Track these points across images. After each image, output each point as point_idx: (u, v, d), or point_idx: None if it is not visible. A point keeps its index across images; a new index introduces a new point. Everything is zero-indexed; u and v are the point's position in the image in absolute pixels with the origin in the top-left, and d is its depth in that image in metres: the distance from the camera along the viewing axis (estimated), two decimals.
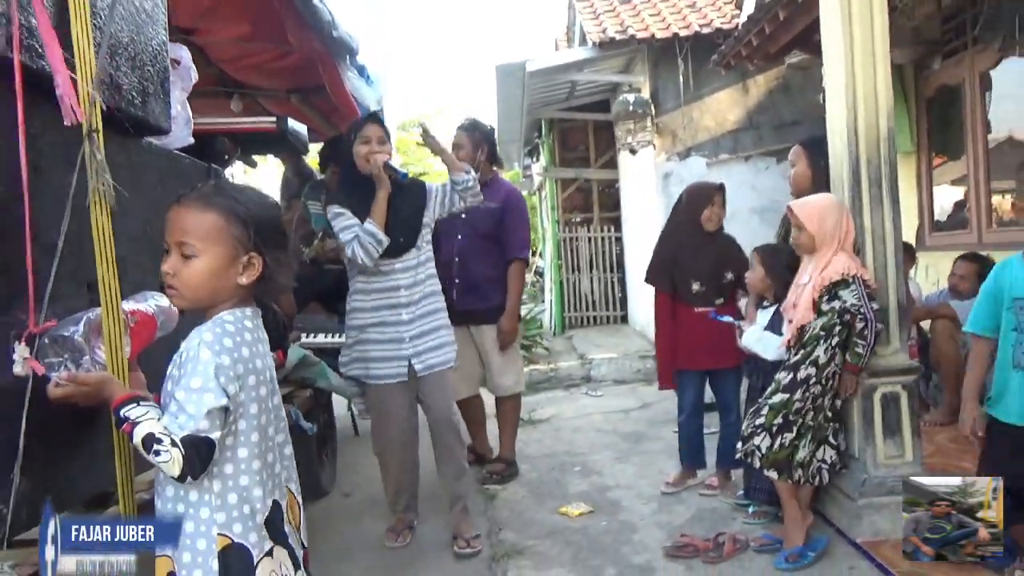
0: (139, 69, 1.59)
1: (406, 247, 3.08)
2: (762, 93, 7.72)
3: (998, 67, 4.38)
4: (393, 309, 3.07)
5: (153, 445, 1.28)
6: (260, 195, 1.49)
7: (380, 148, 3.02)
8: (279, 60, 4.00)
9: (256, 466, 1.41)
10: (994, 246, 4.47)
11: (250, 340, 1.43)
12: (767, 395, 2.90)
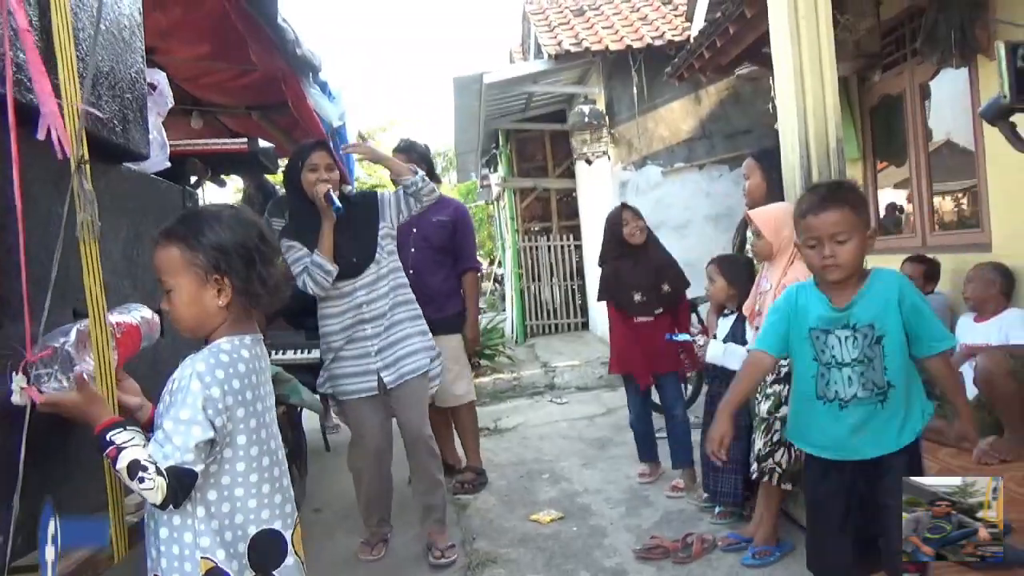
0: (119, 97, 1.62)
1: (363, 265, 3.08)
2: (714, 103, 7.93)
3: (936, 78, 4.60)
4: (359, 325, 3.09)
5: (138, 472, 1.31)
6: (231, 215, 1.50)
7: (327, 175, 3.02)
8: (240, 78, 4.01)
9: (239, 493, 1.44)
10: (937, 248, 4.69)
11: (243, 371, 1.45)
12: (770, 409, 2.91)
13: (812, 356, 2.01)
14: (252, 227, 1.51)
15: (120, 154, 1.67)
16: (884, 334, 1.93)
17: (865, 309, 1.94)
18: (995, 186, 4.14)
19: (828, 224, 1.89)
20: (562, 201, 10.68)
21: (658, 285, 3.88)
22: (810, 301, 2.04)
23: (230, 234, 1.46)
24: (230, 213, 1.51)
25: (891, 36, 4.93)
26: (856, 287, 1.97)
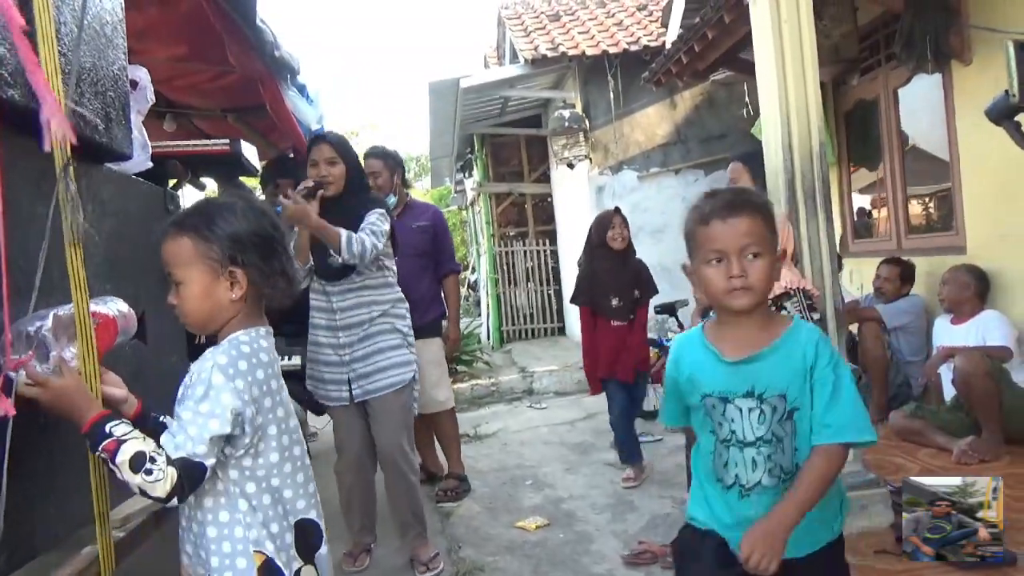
0: (101, 95, 1.56)
1: (344, 272, 2.96)
2: (689, 108, 7.99)
3: (910, 83, 4.67)
4: (331, 331, 3.01)
5: (145, 464, 1.25)
6: (244, 206, 1.46)
7: (328, 170, 2.95)
8: (216, 80, 3.93)
9: (276, 483, 1.42)
10: (912, 251, 4.76)
11: (266, 361, 1.43)
12: None
13: (709, 428, 1.58)
14: (265, 217, 1.47)
15: (103, 154, 1.61)
16: (798, 407, 1.50)
17: (775, 372, 1.50)
18: (969, 190, 4.21)
19: (739, 233, 1.46)
20: (538, 206, 10.68)
21: (632, 290, 3.99)
22: (696, 357, 1.59)
23: (245, 224, 1.42)
24: (243, 203, 1.46)
25: (867, 42, 5.00)
26: (759, 336, 1.52)
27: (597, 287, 4.00)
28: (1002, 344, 3.75)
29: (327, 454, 4.79)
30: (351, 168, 3.03)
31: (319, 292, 3.02)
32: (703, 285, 1.54)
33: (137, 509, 1.61)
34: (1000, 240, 3.99)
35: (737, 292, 1.47)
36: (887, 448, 3.87)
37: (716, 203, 1.51)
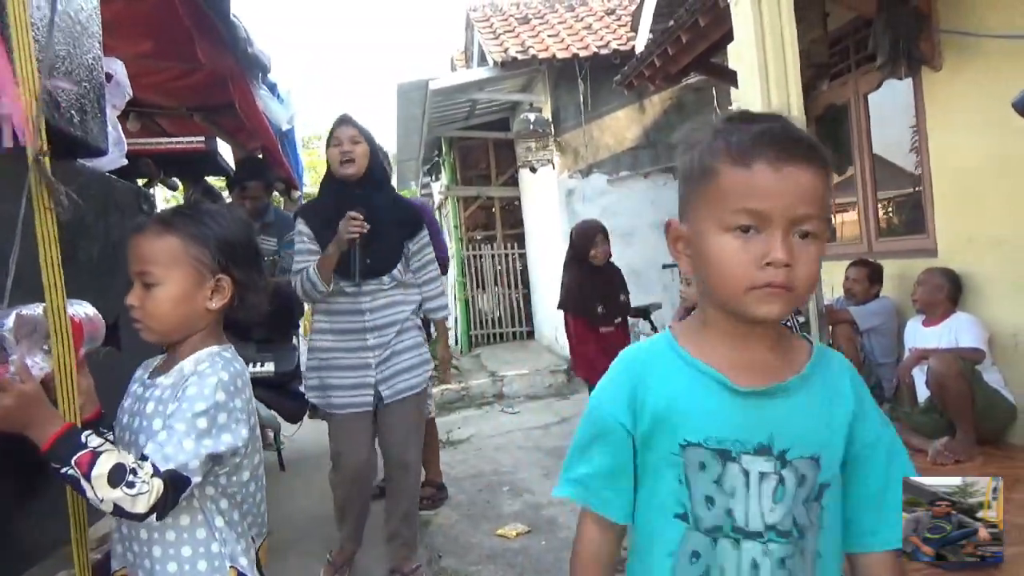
0: (76, 85, 1.46)
1: (376, 271, 2.85)
2: (657, 112, 8.02)
3: (880, 88, 4.72)
4: (358, 334, 2.86)
5: (125, 476, 1.15)
6: (229, 212, 1.41)
7: (350, 148, 2.82)
8: (182, 78, 3.81)
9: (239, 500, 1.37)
10: (883, 254, 4.81)
11: (247, 378, 1.37)
12: None
13: (678, 511, 0.96)
14: (250, 228, 1.42)
15: (77, 148, 1.51)
16: (829, 484, 0.98)
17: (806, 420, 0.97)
18: (940, 193, 4.26)
19: (798, 192, 0.89)
20: (506, 209, 10.63)
21: (617, 296, 4.12)
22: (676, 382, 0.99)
23: (236, 231, 1.36)
24: (229, 211, 1.41)
25: (837, 47, 5.05)
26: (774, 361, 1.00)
27: (582, 295, 4.12)
28: (974, 346, 3.80)
29: (298, 464, 4.67)
30: (373, 153, 2.91)
31: (342, 294, 2.86)
32: (708, 267, 0.95)
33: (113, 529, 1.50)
34: (969, 243, 4.05)
35: (775, 292, 0.91)
36: None
37: (764, 135, 0.90)
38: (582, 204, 7.96)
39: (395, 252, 2.91)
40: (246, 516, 1.39)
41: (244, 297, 1.37)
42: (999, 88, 3.76)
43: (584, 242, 4.15)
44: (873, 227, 4.97)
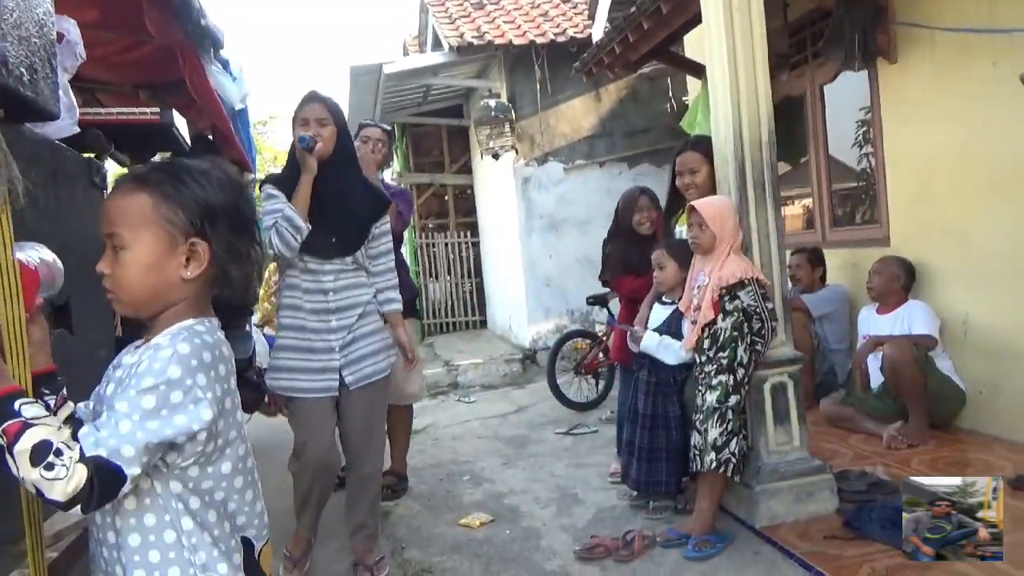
0: (25, 40, 1.33)
1: (341, 250, 2.77)
2: (613, 101, 8.02)
3: (836, 80, 4.79)
4: (321, 315, 2.76)
5: (47, 457, 1.01)
6: (217, 172, 1.23)
7: (317, 130, 2.72)
8: (128, 52, 3.60)
9: (220, 497, 1.21)
10: (837, 243, 4.90)
11: (226, 355, 1.21)
12: (720, 399, 2.88)
13: None
14: (241, 190, 1.24)
15: (26, 111, 1.38)
16: None
17: None
18: (893, 184, 4.35)
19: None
20: (459, 197, 10.52)
21: None
22: None
23: (221, 193, 1.19)
24: (218, 170, 1.23)
25: (795, 37, 5.10)
26: None
27: (625, 268, 3.75)
28: (927, 332, 3.89)
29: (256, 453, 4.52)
30: (341, 133, 2.81)
31: (306, 272, 2.76)
32: None
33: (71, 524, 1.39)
34: (922, 233, 4.14)
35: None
36: (819, 435, 3.95)
37: None
38: (538, 192, 7.92)
39: (362, 233, 2.83)
40: (234, 516, 1.24)
41: (226, 269, 1.21)
42: (952, 81, 3.85)
43: (627, 208, 3.73)
44: (828, 217, 5.05)
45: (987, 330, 3.76)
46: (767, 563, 2.72)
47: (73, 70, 1.65)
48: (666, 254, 3.29)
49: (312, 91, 2.81)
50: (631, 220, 3.72)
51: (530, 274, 7.91)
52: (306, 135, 2.66)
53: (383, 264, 2.95)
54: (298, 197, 2.70)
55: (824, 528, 2.87)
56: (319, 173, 2.72)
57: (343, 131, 2.82)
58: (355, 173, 2.89)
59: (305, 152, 2.66)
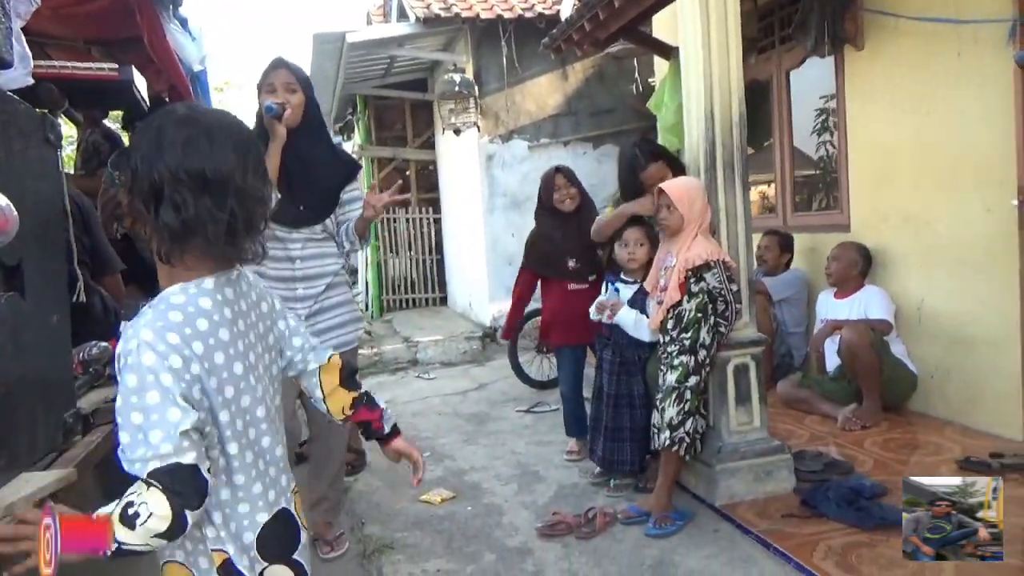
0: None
1: (308, 219, 2.71)
2: (579, 80, 7.97)
3: (803, 66, 4.83)
4: (288, 283, 2.71)
5: (129, 516, 1.03)
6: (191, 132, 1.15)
7: (286, 96, 2.62)
8: (81, 4, 3.44)
9: (240, 481, 1.21)
10: (798, 228, 4.96)
11: (206, 329, 1.15)
12: (679, 379, 2.90)
13: None
14: (173, 150, 1.14)
15: None
16: None
17: None
18: (855, 171, 4.41)
19: None
20: (421, 173, 10.39)
21: (592, 250, 3.68)
22: None
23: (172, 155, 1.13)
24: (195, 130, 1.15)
25: (764, 21, 5.12)
26: None
27: (551, 250, 3.73)
28: (882, 317, 3.97)
29: None
30: (308, 100, 2.72)
31: (274, 239, 2.68)
32: None
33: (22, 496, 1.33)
34: (882, 220, 4.21)
35: None
36: (776, 416, 4.01)
37: None
38: (501, 170, 7.86)
39: (330, 201, 2.77)
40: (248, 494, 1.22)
41: (139, 231, 1.18)
42: (916, 69, 3.91)
43: (546, 187, 3.72)
44: (789, 201, 5.11)
45: (940, 316, 3.86)
46: (726, 540, 2.76)
47: (27, 16, 1.55)
48: (645, 234, 3.27)
49: (279, 57, 2.71)
50: (551, 199, 3.73)
51: (492, 252, 7.86)
52: (274, 104, 2.57)
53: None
54: (267, 163, 2.61)
55: (782, 507, 2.93)
56: (287, 141, 2.63)
57: (311, 98, 2.74)
58: (324, 141, 2.81)
59: (273, 120, 2.57)
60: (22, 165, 1.58)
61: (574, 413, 3.88)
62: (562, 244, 3.69)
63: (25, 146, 1.58)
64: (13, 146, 1.54)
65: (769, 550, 2.64)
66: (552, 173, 3.78)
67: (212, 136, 1.15)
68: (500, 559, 2.79)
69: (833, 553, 2.53)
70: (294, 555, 1.29)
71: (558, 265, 3.72)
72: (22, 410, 1.61)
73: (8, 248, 1.41)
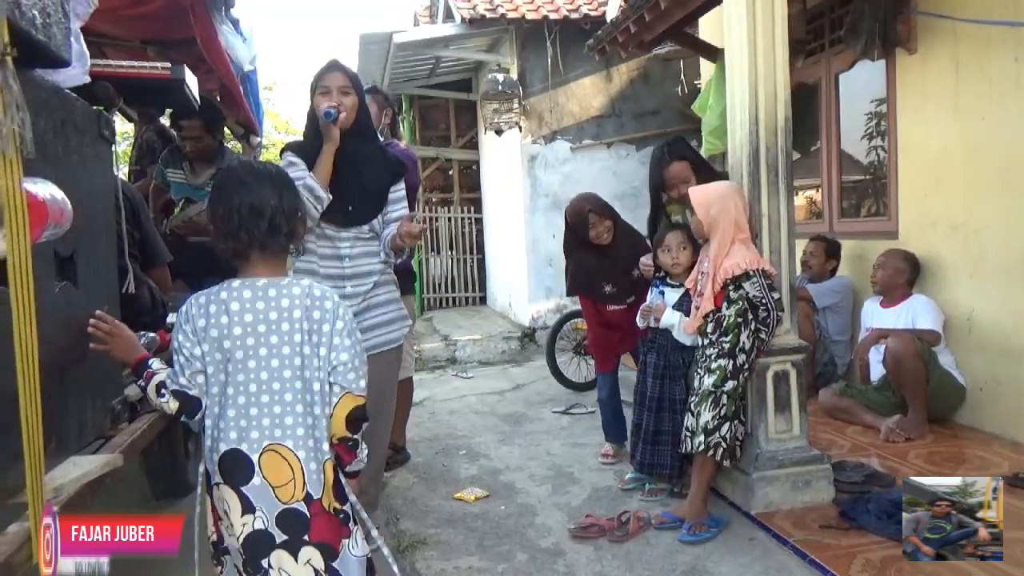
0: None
1: (357, 219, 2.77)
2: (624, 82, 7.93)
3: (853, 69, 4.73)
4: (336, 281, 2.74)
5: (161, 391, 1.69)
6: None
7: (341, 100, 2.67)
8: (138, 6, 3.54)
9: (231, 414, 1.65)
10: (844, 235, 4.87)
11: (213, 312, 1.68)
12: (716, 383, 2.89)
13: None
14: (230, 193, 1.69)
15: (38, 55, 1.34)
16: None
17: None
18: (905, 177, 4.31)
19: None
20: (464, 172, 10.45)
21: (628, 273, 3.70)
22: None
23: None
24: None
25: (813, 24, 5.04)
26: None
27: (589, 276, 3.78)
28: (931, 328, 3.87)
29: None
30: (361, 102, 2.77)
31: (323, 237, 2.75)
32: None
33: (70, 479, 1.38)
34: (931, 227, 4.11)
35: None
36: (817, 425, 3.95)
37: None
38: (544, 170, 7.86)
39: (379, 201, 2.81)
40: (222, 425, 1.66)
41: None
42: (971, 74, 3.80)
43: (578, 225, 3.71)
44: (836, 207, 5.01)
45: (991, 327, 3.75)
46: (761, 549, 2.73)
47: (86, 17, 1.61)
48: (688, 237, 3.24)
49: (333, 60, 2.76)
50: (587, 236, 3.68)
51: (532, 253, 7.87)
52: (331, 109, 2.61)
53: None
54: (320, 167, 2.67)
55: (819, 517, 2.88)
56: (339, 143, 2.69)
57: (362, 101, 2.78)
58: (373, 142, 2.86)
59: (330, 124, 2.62)
60: (78, 160, 1.64)
61: (613, 417, 3.91)
62: (598, 272, 3.74)
63: (81, 142, 1.64)
64: (70, 142, 1.60)
65: (805, 561, 2.60)
66: (585, 212, 3.68)
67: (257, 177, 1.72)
68: (532, 559, 2.79)
69: (871, 566, 2.48)
70: (243, 487, 1.63)
71: (595, 290, 3.78)
72: (72, 396, 1.68)
73: (62, 240, 1.46)
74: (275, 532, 1.62)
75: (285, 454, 1.63)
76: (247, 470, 1.62)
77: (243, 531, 1.61)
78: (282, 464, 1.63)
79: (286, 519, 1.62)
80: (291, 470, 1.63)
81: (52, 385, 1.54)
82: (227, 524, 1.64)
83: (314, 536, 1.64)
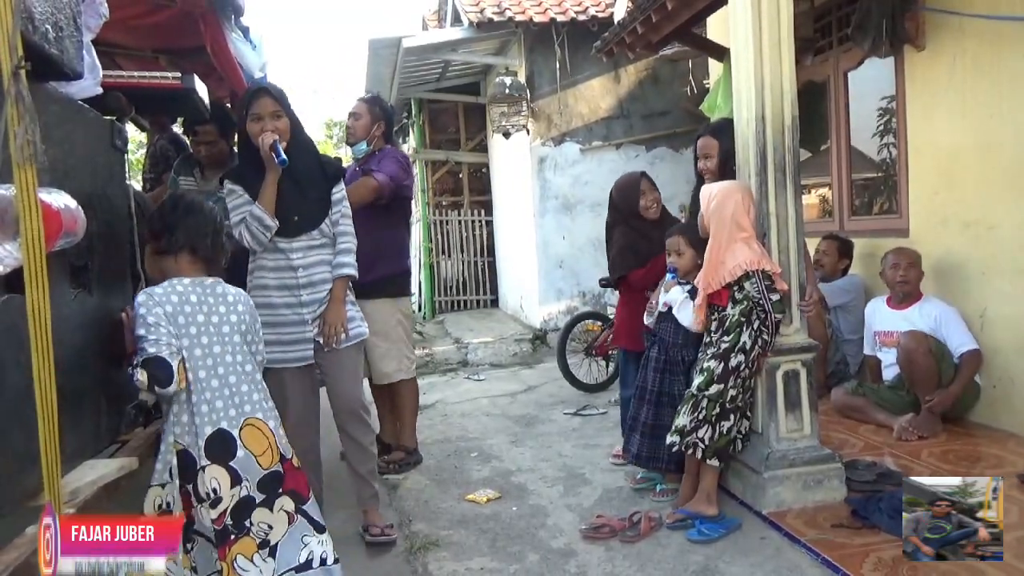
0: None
1: (303, 227, 2.83)
2: (632, 83, 7.94)
3: (861, 66, 4.72)
4: (291, 290, 2.82)
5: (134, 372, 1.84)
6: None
7: (273, 124, 2.74)
8: (150, 15, 3.59)
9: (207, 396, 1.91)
10: (855, 233, 4.85)
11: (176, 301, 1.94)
12: (700, 386, 2.95)
13: None
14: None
15: (51, 69, 1.38)
16: None
17: None
18: (915, 174, 4.29)
19: None
20: (474, 175, 10.49)
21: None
22: None
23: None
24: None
25: (821, 22, 5.02)
26: None
27: (637, 258, 3.62)
28: (973, 348, 3.74)
29: None
30: (293, 123, 2.83)
31: (276, 250, 2.80)
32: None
33: (86, 482, 1.41)
34: (942, 225, 4.09)
35: None
36: (829, 424, 3.94)
37: None
38: (554, 172, 7.88)
39: (323, 206, 2.86)
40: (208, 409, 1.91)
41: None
42: (981, 70, 3.78)
43: (629, 195, 3.60)
44: (846, 205, 5.00)
45: (1004, 325, 3.72)
46: (773, 548, 2.73)
47: (97, 29, 1.64)
48: (684, 240, 3.25)
49: (258, 84, 2.85)
50: (636, 206, 3.61)
51: (543, 254, 7.89)
52: (284, 155, 2.67)
53: (342, 226, 2.94)
54: (265, 196, 2.75)
55: (831, 516, 2.87)
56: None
57: (294, 122, 2.84)
58: (310, 155, 2.92)
59: (272, 156, 2.67)
60: (91, 170, 1.68)
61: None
62: (647, 252, 3.59)
63: (94, 152, 1.67)
64: (82, 152, 1.63)
65: (817, 560, 2.59)
66: (637, 178, 3.66)
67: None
68: (543, 560, 2.80)
69: (883, 565, 2.48)
70: (230, 462, 1.89)
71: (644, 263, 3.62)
72: (88, 401, 1.71)
73: (76, 248, 1.49)
74: (255, 495, 1.94)
75: (260, 425, 1.98)
76: (231, 446, 1.90)
77: (232, 501, 1.89)
78: (259, 435, 1.97)
79: (266, 482, 1.97)
80: (266, 438, 1.99)
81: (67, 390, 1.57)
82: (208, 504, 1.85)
83: (287, 487, 2.02)
